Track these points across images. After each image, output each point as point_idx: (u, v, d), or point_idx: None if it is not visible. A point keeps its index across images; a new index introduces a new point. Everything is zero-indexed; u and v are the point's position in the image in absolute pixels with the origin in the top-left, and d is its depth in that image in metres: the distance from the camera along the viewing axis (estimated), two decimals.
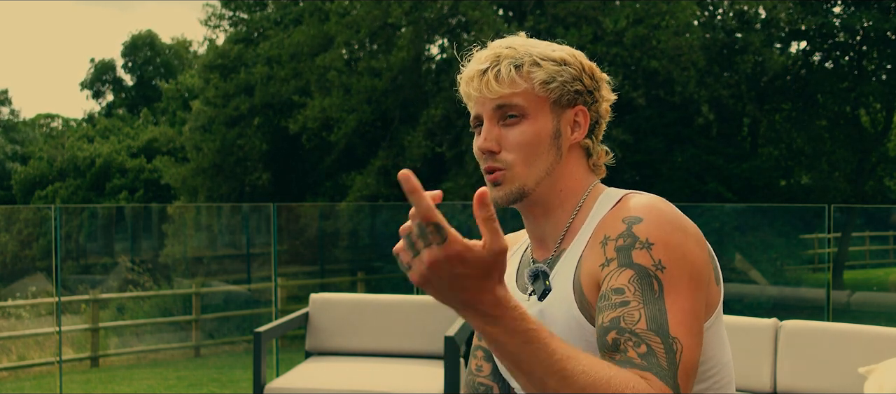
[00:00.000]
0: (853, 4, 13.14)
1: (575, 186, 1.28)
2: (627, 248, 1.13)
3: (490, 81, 1.24)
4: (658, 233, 1.13)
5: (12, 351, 9.37)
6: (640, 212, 1.16)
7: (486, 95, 1.25)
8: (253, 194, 14.87)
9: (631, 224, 1.15)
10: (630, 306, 1.09)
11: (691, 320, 1.09)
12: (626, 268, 1.12)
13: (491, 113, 1.26)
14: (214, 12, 17.28)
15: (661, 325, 1.06)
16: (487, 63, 1.25)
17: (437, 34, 13.81)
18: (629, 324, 1.07)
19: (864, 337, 3.51)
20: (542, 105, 1.25)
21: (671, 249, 1.12)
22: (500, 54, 1.25)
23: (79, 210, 14.54)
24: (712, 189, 12.51)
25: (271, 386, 3.95)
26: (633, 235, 1.14)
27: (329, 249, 13.41)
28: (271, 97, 14.18)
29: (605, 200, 1.26)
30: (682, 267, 1.11)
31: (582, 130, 1.28)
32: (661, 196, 1.24)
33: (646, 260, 1.11)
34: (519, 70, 1.24)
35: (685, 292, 1.10)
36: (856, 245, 13.64)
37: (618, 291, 1.11)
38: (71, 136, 26.29)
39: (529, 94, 1.24)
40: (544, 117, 1.25)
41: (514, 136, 1.24)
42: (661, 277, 1.10)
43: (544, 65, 1.24)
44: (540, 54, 1.25)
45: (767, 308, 9.30)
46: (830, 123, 14.39)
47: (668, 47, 11.44)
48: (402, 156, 12.51)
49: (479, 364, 1.43)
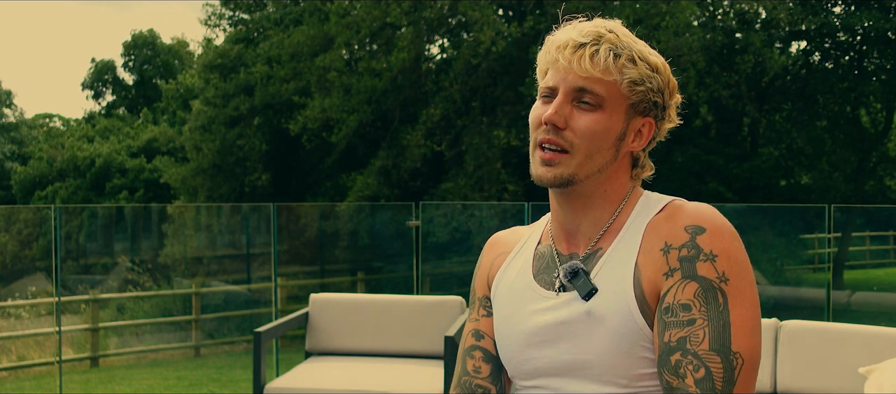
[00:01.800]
0: (853, 4, 13.13)
1: (619, 188, 1.27)
2: (692, 259, 1.15)
3: (584, 58, 1.20)
4: (721, 244, 1.15)
5: (12, 351, 9.37)
6: (702, 221, 1.17)
7: (574, 70, 1.21)
8: (253, 194, 14.87)
9: (694, 234, 1.17)
10: (696, 324, 1.12)
11: (753, 325, 1.13)
12: (691, 280, 1.14)
13: (570, 89, 1.22)
14: (214, 12, 17.29)
15: (723, 343, 1.11)
16: (588, 38, 1.21)
17: (437, 34, 13.81)
18: (694, 345, 1.11)
19: (864, 337, 3.51)
20: (621, 104, 1.22)
21: (733, 261, 1.15)
22: (602, 36, 1.22)
23: (79, 210, 14.53)
24: (712, 189, 12.51)
25: (271, 386, 3.95)
26: (697, 247, 1.16)
27: (329, 249, 13.40)
28: (271, 97, 14.18)
29: (647, 203, 1.26)
30: (744, 276, 1.15)
31: (642, 141, 1.27)
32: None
33: (710, 272, 1.14)
34: (616, 60, 1.20)
35: (748, 300, 1.14)
36: (856, 245, 13.63)
37: (685, 307, 1.14)
38: (71, 136, 26.28)
39: (614, 88, 1.21)
40: (618, 116, 1.23)
41: (586, 122, 1.21)
42: (726, 289, 1.13)
43: (639, 65, 1.22)
44: (639, 52, 1.23)
45: (768, 308, 9.29)
46: (830, 123, 14.39)
47: (667, 48, 11.43)
48: (403, 156, 12.51)
49: (477, 366, 1.40)
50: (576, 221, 1.28)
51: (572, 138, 1.21)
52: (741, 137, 14.69)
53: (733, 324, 1.12)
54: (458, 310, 4.53)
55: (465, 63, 12.05)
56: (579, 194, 1.25)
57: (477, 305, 1.44)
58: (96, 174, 22.47)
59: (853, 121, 14.18)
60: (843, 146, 14.04)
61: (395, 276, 9.77)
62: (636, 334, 1.18)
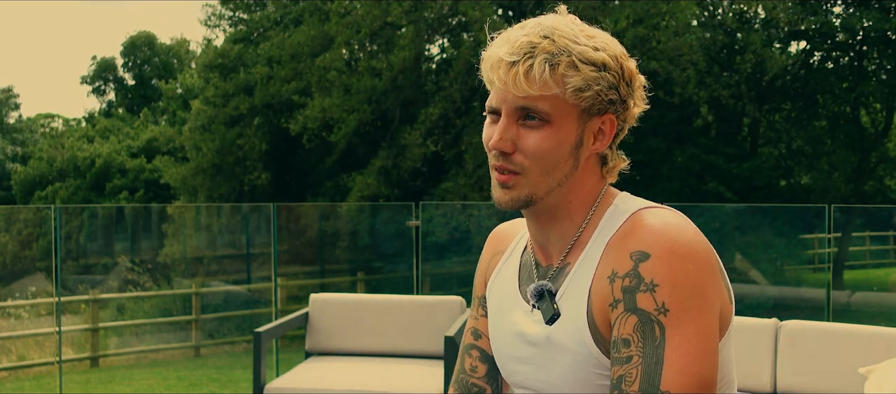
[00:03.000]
0: (853, 4, 13.14)
1: (585, 196, 1.20)
2: (632, 290, 1.09)
3: (518, 77, 1.10)
4: (664, 272, 1.08)
5: (12, 351, 9.37)
6: (648, 246, 1.10)
7: (510, 91, 1.12)
8: (253, 194, 14.87)
9: (638, 262, 1.10)
10: (632, 362, 1.08)
11: (699, 351, 1.07)
12: (631, 314, 1.09)
13: (511, 110, 1.14)
14: (214, 12, 17.29)
15: (653, 381, 1.06)
16: (519, 54, 1.11)
17: (437, 34, 13.81)
18: (627, 386, 1.07)
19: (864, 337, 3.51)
20: (570, 113, 1.13)
21: (677, 289, 1.07)
22: (536, 46, 1.11)
23: (79, 210, 14.54)
24: (712, 189, 12.51)
25: (271, 386, 3.95)
26: (639, 276, 1.09)
27: (329, 249, 13.41)
28: (271, 97, 14.19)
29: (614, 214, 1.19)
30: (689, 302, 1.07)
31: (605, 140, 1.19)
32: (661, 196, 1.23)
33: (649, 304, 1.08)
34: (553, 71, 1.10)
35: (691, 328, 1.07)
36: (856, 245, 13.63)
37: (625, 342, 1.09)
38: (71, 136, 26.29)
39: (558, 101, 1.12)
40: (569, 126, 1.14)
41: (534, 141, 1.13)
42: (664, 322, 1.07)
43: (582, 69, 1.11)
44: (580, 55, 1.12)
45: (767, 308, 9.29)
46: (830, 123, 14.39)
47: (667, 47, 11.44)
48: (403, 156, 12.52)
49: (473, 364, 1.39)
50: (545, 235, 1.23)
51: (522, 161, 1.14)
52: (741, 137, 14.70)
53: (667, 360, 1.06)
54: (458, 310, 4.53)
55: (465, 63, 12.06)
56: (543, 210, 1.20)
57: (476, 303, 1.43)
58: (96, 174, 22.48)
59: (853, 121, 14.19)
60: (843, 146, 14.05)
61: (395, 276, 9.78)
62: (591, 363, 1.15)
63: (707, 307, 1.09)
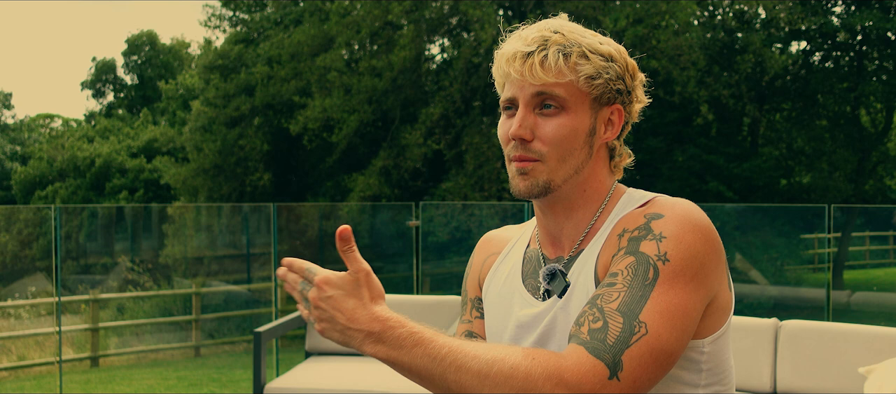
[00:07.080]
0: (853, 4, 13.14)
1: (599, 186, 1.25)
2: (639, 238, 1.13)
3: (534, 66, 1.18)
4: (674, 229, 1.12)
5: (12, 351, 9.37)
6: (664, 210, 1.15)
7: (527, 80, 1.19)
8: (253, 195, 14.87)
9: (650, 219, 1.15)
10: (615, 286, 1.09)
11: (678, 315, 1.07)
12: (629, 255, 1.12)
13: (528, 99, 1.20)
14: (214, 13, 17.28)
15: (632, 308, 1.06)
16: (534, 45, 1.19)
17: (438, 34, 13.81)
18: (603, 302, 1.08)
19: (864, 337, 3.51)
20: (583, 100, 1.20)
21: (682, 246, 1.10)
22: (549, 39, 1.20)
23: (79, 210, 14.53)
24: (712, 189, 12.51)
25: (271, 386, 3.95)
26: (649, 228, 1.13)
27: (329, 250, 13.40)
28: (272, 97, 14.19)
29: (628, 201, 1.24)
30: (688, 265, 1.09)
31: (615, 129, 1.25)
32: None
33: (651, 250, 1.10)
34: (566, 60, 1.18)
35: (682, 289, 1.08)
36: (856, 245, 13.62)
37: (613, 273, 1.11)
38: (71, 136, 26.28)
39: (572, 87, 1.19)
40: (583, 113, 1.21)
41: (551, 128, 1.19)
42: (661, 269, 1.09)
43: (592, 59, 1.19)
44: (589, 46, 1.20)
45: (768, 308, 9.29)
46: (830, 123, 14.39)
47: (667, 47, 11.44)
48: (403, 156, 12.52)
49: None
50: (559, 225, 1.26)
51: (541, 148, 1.20)
52: (741, 136, 14.69)
53: (652, 299, 1.06)
54: (458, 310, 4.54)
55: (466, 63, 12.06)
56: (560, 199, 1.24)
57: (469, 306, 1.43)
58: (96, 174, 22.48)
59: (853, 121, 14.18)
60: (843, 146, 14.04)
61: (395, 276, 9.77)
62: None
63: (701, 284, 1.10)
